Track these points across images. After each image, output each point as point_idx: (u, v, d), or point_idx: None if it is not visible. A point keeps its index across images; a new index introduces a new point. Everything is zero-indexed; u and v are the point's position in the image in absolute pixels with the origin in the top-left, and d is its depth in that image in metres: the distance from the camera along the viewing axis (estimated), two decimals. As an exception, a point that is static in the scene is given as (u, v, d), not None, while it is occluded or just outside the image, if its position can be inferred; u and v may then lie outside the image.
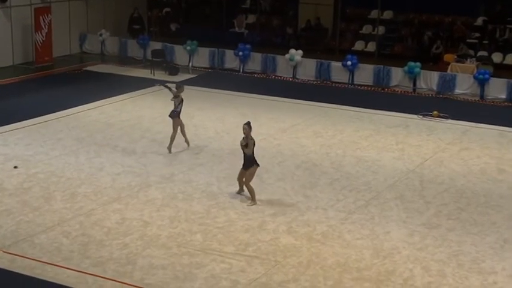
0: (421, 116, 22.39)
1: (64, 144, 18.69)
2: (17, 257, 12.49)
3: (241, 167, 15.31)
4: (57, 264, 12.30)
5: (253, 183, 15.09)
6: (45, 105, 22.27)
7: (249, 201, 15.14)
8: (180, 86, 18.72)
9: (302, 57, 27.52)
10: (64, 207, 14.66)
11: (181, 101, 18.29)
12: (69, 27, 30.86)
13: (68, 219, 14.11)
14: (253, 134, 14.27)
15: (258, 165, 15.26)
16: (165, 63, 28.43)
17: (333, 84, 26.79)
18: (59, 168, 16.90)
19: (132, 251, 12.84)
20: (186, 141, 18.59)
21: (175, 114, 18.26)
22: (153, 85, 24.24)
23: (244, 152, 15.13)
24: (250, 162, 15.12)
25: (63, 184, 15.95)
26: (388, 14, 31.82)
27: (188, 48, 29.06)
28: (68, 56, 30.65)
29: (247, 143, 15.01)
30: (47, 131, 19.82)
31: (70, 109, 21.97)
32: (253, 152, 15.11)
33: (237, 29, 33.43)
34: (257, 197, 15.25)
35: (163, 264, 12.40)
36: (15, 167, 16.84)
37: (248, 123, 15.17)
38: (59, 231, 13.56)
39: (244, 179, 15.25)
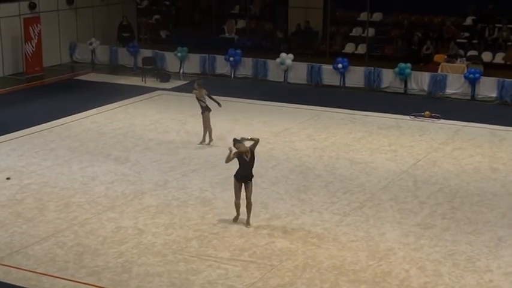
0: (412, 117, 22.41)
1: (57, 154, 18.65)
2: (11, 268, 12.45)
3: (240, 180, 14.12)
4: (53, 274, 12.25)
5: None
6: (36, 115, 22.21)
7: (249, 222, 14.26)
8: (197, 83, 19.16)
9: (293, 61, 27.49)
10: (58, 218, 14.61)
11: (204, 95, 18.91)
12: (59, 36, 30.79)
13: (62, 229, 14.06)
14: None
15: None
16: (156, 70, 28.41)
17: (325, 87, 26.81)
18: (52, 179, 16.86)
19: (128, 259, 12.81)
20: (204, 138, 19.24)
21: (203, 110, 18.87)
22: (145, 93, 24.15)
23: (245, 161, 14.02)
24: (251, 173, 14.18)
25: (56, 194, 15.91)
26: (377, 16, 31.89)
27: (179, 54, 29.03)
28: (59, 65, 30.56)
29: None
30: (39, 141, 19.77)
31: (62, 119, 21.92)
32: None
33: (227, 35, 33.45)
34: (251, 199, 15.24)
35: (159, 271, 12.37)
36: (8, 178, 16.78)
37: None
38: (53, 241, 13.52)
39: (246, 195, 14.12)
